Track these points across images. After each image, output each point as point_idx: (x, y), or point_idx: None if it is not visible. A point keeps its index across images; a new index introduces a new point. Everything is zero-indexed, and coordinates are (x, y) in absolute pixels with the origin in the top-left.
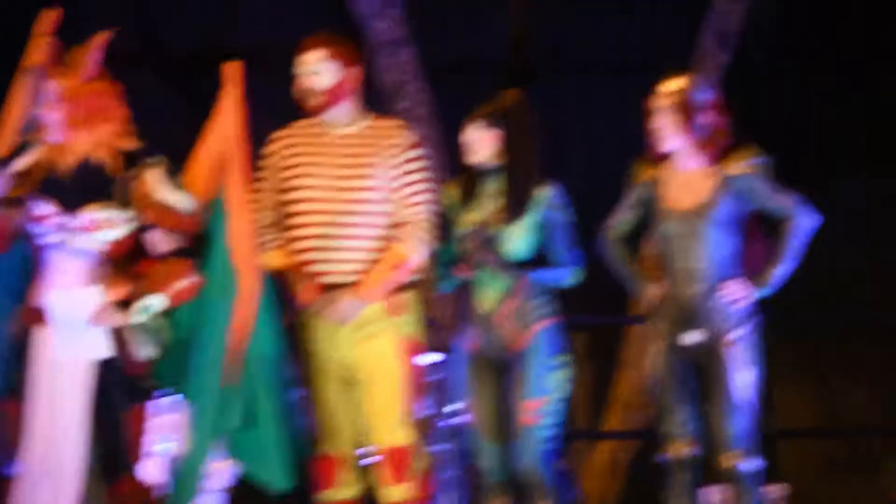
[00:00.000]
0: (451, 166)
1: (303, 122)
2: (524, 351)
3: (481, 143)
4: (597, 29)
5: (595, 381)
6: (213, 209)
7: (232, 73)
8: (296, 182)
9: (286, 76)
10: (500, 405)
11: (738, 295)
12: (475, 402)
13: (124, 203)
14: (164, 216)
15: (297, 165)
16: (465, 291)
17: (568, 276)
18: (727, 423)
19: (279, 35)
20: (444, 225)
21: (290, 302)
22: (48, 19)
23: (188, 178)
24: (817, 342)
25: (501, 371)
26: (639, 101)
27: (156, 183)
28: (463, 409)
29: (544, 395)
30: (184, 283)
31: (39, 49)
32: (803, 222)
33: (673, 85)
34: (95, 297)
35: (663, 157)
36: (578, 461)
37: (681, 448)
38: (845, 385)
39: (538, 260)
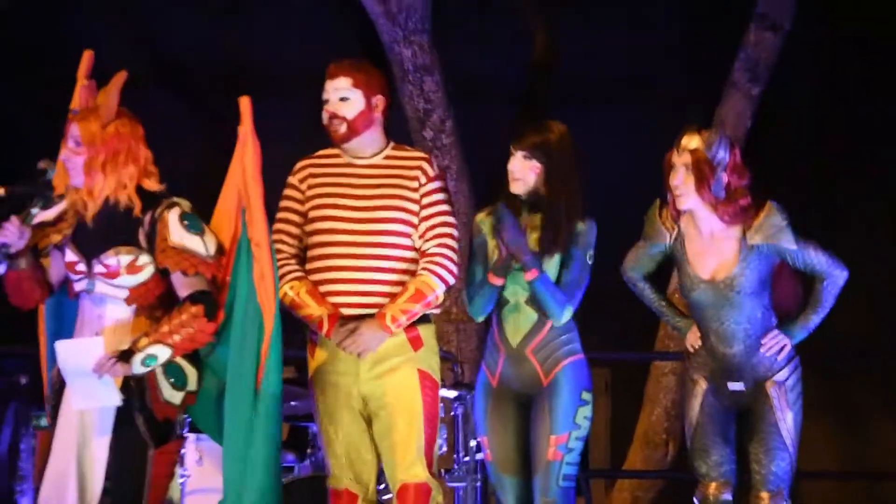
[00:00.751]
0: (475, 195)
1: (327, 151)
2: (550, 385)
3: (523, 173)
4: (618, 54)
5: (616, 417)
6: (238, 248)
7: (243, 108)
8: (319, 213)
9: (310, 102)
10: (522, 440)
11: (778, 348)
12: (497, 437)
13: (146, 247)
14: (182, 260)
15: (320, 196)
16: (491, 325)
17: (560, 310)
18: (768, 463)
19: (303, 60)
20: (473, 252)
21: (308, 335)
22: (86, 62)
23: (215, 219)
24: (843, 382)
25: (524, 405)
26: (658, 127)
27: (174, 225)
28: (484, 444)
29: (569, 431)
30: (190, 331)
31: (78, 92)
32: (836, 279)
33: (692, 142)
34: (99, 347)
35: (681, 212)
36: (598, 500)
37: (716, 488)
38: (871, 426)
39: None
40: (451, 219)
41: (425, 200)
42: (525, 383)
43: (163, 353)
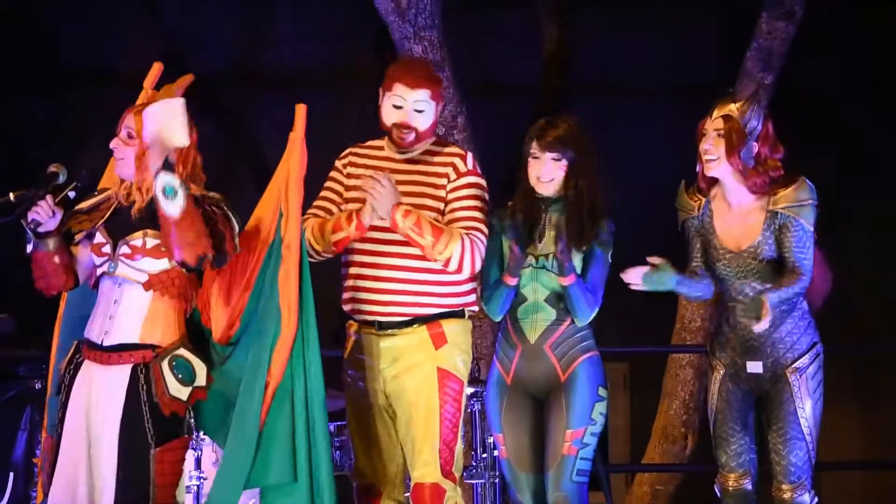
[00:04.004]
0: (489, 192)
1: (373, 142)
2: (568, 381)
3: (554, 174)
4: (631, 50)
5: (635, 412)
6: (269, 250)
7: (297, 115)
8: (352, 206)
9: (326, 99)
10: (538, 436)
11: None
12: (512, 433)
13: None
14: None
15: (356, 187)
16: (504, 322)
17: (590, 312)
18: (787, 453)
19: (317, 57)
20: (487, 253)
21: (343, 333)
22: (154, 72)
23: (253, 220)
24: (864, 370)
25: (539, 402)
26: (674, 124)
27: None
28: (499, 441)
29: (586, 426)
30: (199, 227)
31: (141, 100)
32: (802, 282)
33: (725, 109)
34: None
35: (709, 185)
36: (618, 494)
37: (735, 480)
38: (894, 414)
39: None
40: (478, 214)
41: (451, 196)
42: (541, 379)
43: (174, 182)
